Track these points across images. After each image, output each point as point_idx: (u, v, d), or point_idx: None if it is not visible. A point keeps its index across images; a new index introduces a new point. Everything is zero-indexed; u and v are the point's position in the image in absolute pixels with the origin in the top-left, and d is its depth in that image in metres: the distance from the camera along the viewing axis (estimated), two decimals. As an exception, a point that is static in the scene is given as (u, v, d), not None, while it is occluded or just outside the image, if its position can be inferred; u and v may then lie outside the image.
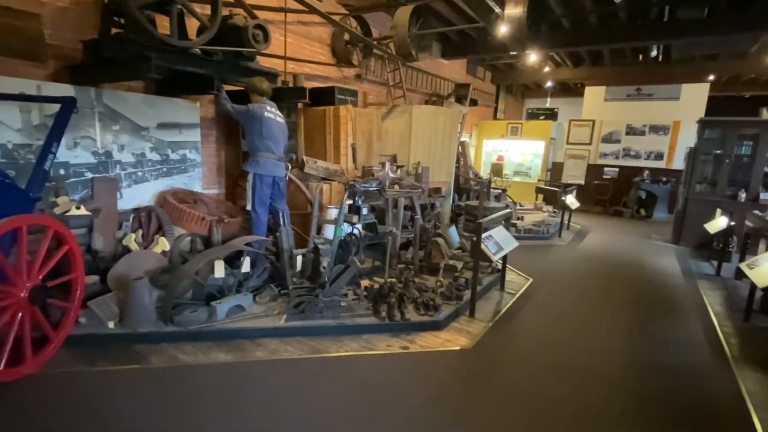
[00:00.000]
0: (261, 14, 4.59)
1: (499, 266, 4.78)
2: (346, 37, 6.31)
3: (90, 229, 3.48)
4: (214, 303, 3.34)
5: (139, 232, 3.96)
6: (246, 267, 3.67)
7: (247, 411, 2.43)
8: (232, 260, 3.84)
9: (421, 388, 2.75)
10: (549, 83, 12.41)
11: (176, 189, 4.54)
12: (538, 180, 10.97)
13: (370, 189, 4.35)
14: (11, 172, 3.23)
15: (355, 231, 4.42)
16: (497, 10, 5.93)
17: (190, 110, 4.65)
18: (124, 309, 3.17)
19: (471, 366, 3.09)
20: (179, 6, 3.29)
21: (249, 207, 4.17)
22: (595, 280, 5.30)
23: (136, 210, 4.12)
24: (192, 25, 3.65)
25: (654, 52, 9.52)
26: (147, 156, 4.30)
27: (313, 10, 4.69)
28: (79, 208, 3.40)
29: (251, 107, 4.07)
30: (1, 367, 2.45)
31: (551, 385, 2.86)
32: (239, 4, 4.24)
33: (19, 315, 2.57)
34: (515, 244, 4.44)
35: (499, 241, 4.16)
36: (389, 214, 4.78)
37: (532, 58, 9.32)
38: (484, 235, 3.92)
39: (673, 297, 4.80)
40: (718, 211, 6.09)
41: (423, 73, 8.85)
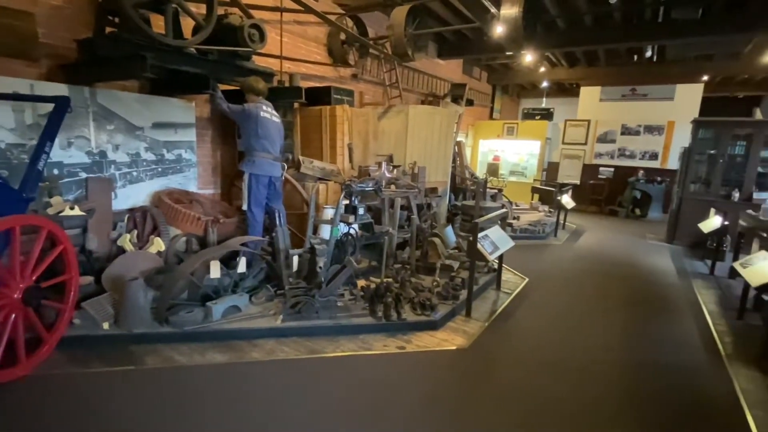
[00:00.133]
0: (257, 13, 4.57)
1: (496, 266, 4.79)
2: (343, 36, 6.30)
3: (84, 230, 3.46)
4: (209, 303, 3.32)
5: (134, 232, 3.94)
6: (242, 267, 3.66)
7: (243, 412, 2.42)
8: (228, 260, 3.83)
9: (418, 387, 2.75)
10: (545, 83, 12.45)
11: (171, 189, 4.51)
12: (534, 180, 11.01)
13: (367, 189, 4.35)
14: (4, 172, 3.21)
15: (352, 231, 4.42)
16: (493, 10, 5.94)
17: (185, 110, 4.63)
18: (119, 310, 3.15)
19: (467, 365, 3.10)
20: (174, 5, 3.28)
21: (245, 207, 4.15)
22: (591, 280, 5.33)
23: (131, 210, 4.09)
24: (187, 24, 3.63)
25: (649, 53, 9.58)
26: (142, 156, 4.28)
27: (309, 10, 4.68)
28: (73, 209, 3.37)
29: (247, 107, 4.05)
30: (-6, 369, 2.43)
31: (547, 385, 2.87)
32: (235, 3, 4.23)
33: (13, 316, 2.55)
34: (511, 244, 4.45)
35: (495, 241, 4.18)
36: (386, 214, 4.78)
37: (528, 58, 9.35)
38: (481, 235, 3.92)
39: (668, 296, 4.83)
40: (712, 211, 6.14)
41: (419, 73, 8.86)
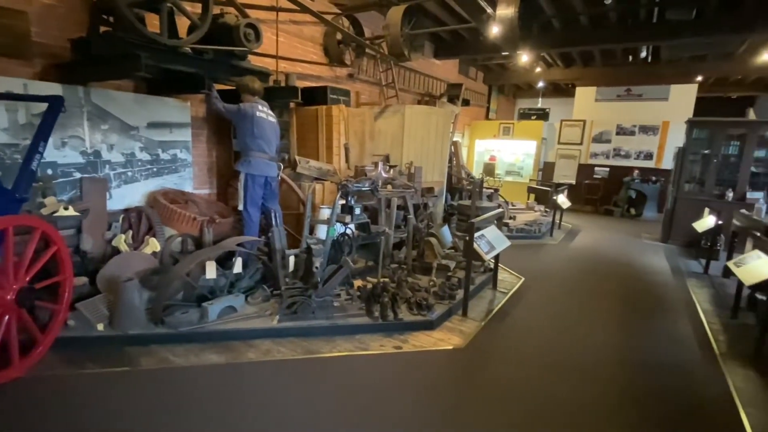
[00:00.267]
0: (252, 13, 4.56)
1: (492, 265, 4.80)
2: (339, 36, 6.29)
3: (79, 230, 3.43)
4: (205, 304, 3.31)
5: (129, 232, 3.91)
6: (238, 267, 3.65)
7: (239, 413, 2.41)
8: (224, 261, 3.81)
9: (415, 387, 2.75)
10: (540, 83, 12.49)
11: (167, 189, 4.49)
12: (530, 180, 11.05)
13: (363, 189, 4.35)
14: (-3, 173, 3.18)
15: (348, 231, 4.41)
16: (489, 10, 5.96)
17: (180, 109, 4.60)
18: (114, 311, 3.13)
19: (464, 365, 3.10)
20: (169, 4, 3.26)
21: (241, 207, 4.14)
22: (586, 279, 5.35)
23: (126, 210, 4.07)
24: (182, 23, 3.62)
25: (643, 53, 9.64)
26: (137, 156, 4.25)
27: (305, 10, 4.67)
28: (67, 209, 3.35)
29: (243, 106, 4.04)
30: (-13, 371, 2.41)
31: (544, 384, 2.88)
32: (230, 2, 4.21)
33: (6, 317, 2.53)
34: (507, 244, 4.46)
35: (491, 241, 4.19)
36: (382, 214, 4.77)
37: (524, 58, 9.37)
38: (477, 235, 3.93)
39: (663, 295, 4.86)
40: (706, 210, 6.18)
41: (415, 73, 8.86)
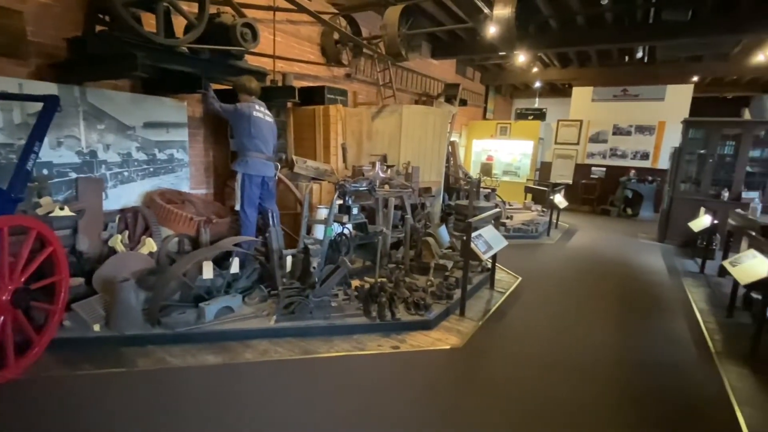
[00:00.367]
0: (249, 12, 4.54)
1: (489, 265, 4.81)
2: (336, 36, 6.29)
3: (74, 231, 3.42)
4: (202, 304, 3.30)
5: (126, 233, 3.90)
6: (235, 268, 3.64)
7: (237, 413, 2.40)
8: (221, 261, 3.80)
9: (412, 387, 2.75)
10: (537, 84, 12.52)
11: (163, 189, 4.47)
12: (527, 179, 11.07)
13: (361, 189, 4.35)
14: (-8, 172, 3.16)
15: (346, 231, 4.41)
16: (486, 10, 5.96)
17: (177, 109, 4.59)
18: (110, 311, 3.11)
19: (461, 365, 3.10)
20: (166, 3, 3.25)
21: (238, 207, 4.13)
22: (583, 278, 5.37)
23: (122, 211, 4.05)
24: (179, 23, 3.60)
25: (640, 54, 9.67)
26: (133, 156, 4.24)
27: (302, 9, 4.66)
28: (63, 209, 3.33)
29: (239, 106, 4.03)
30: (-18, 372, 2.40)
31: (542, 384, 2.89)
32: (227, 2, 4.20)
33: (1, 318, 2.51)
34: (504, 243, 4.47)
35: (488, 240, 4.19)
36: (379, 214, 4.77)
37: (521, 58, 9.40)
38: (474, 235, 3.94)
39: (659, 294, 4.88)
40: (702, 210, 6.21)
41: (413, 73, 8.86)
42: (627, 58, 10.42)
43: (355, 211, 4.32)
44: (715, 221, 5.76)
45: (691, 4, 6.60)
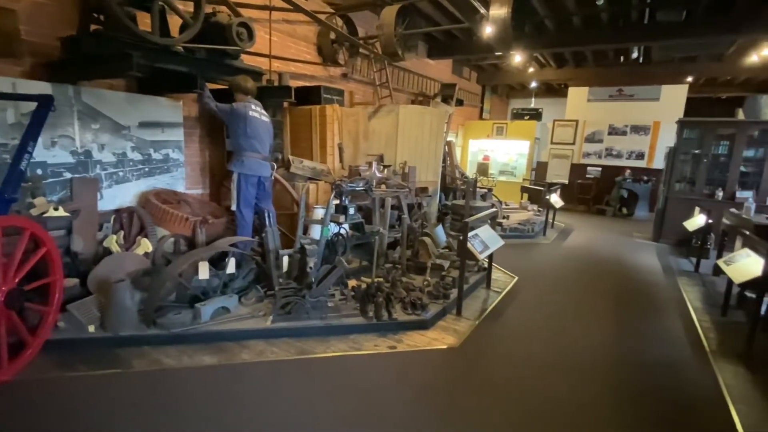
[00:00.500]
0: (245, 12, 4.54)
1: (486, 265, 4.82)
2: (332, 36, 6.28)
3: (69, 231, 3.39)
4: (198, 305, 3.29)
5: (121, 233, 3.87)
6: (231, 268, 3.63)
7: (233, 414, 2.39)
8: (217, 261, 3.79)
9: (409, 387, 2.75)
10: (533, 84, 12.56)
11: (159, 189, 4.45)
12: (523, 179, 11.10)
13: (357, 189, 4.34)
14: (-15, 173, 3.12)
15: (342, 231, 4.41)
16: (482, 10, 5.97)
17: (172, 109, 4.56)
18: (105, 312, 3.10)
19: (458, 364, 3.11)
20: (161, 2, 3.24)
21: (234, 207, 4.11)
22: (579, 278, 5.39)
23: (118, 211, 4.03)
24: (174, 22, 3.59)
25: (635, 54, 9.73)
26: (128, 155, 4.21)
27: (298, 9, 4.65)
28: (57, 210, 3.31)
29: (235, 106, 4.01)
30: (-24, 374, 2.38)
31: (539, 383, 2.89)
32: (223, 1, 4.19)
33: (-5, 320, 2.49)
34: (501, 243, 4.48)
35: (485, 240, 4.20)
36: (376, 214, 4.77)
37: (517, 58, 9.42)
38: (471, 234, 3.94)
39: (654, 293, 4.90)
40: (697, 210, 6.25)
41: (409, 73, 8.87)
42: (622, 59, 10.48)
43: (352, 211, 4.31)
44: (710, 221, 5.79)
45: (686, 4, 6.65)
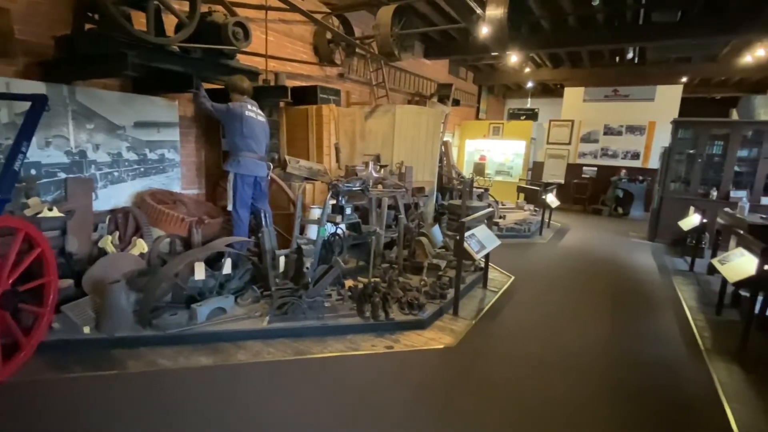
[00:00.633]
0: (241, 11, 4.52)
1: (482, 264, 4.83)
2: (329, 35, 6.27)
3: (64, 232, 3.37)
4: (194, 305, 3.27)
5: (116, 233, 3.85)
6: (227, 268, 3.61)
7: (229, 415, 2.39)
8: (213, 262, 3.78)
9: (406, 387, 2.75)
10: (529, 84, 12.60)
11: (154, 189, 4.43)
12: (520, 179, 11.14)
13: (354, 189, 4.34)
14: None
15: (339, 231, 4.41)
16: (478, 11, 5.98)
17: (168, 109, 4.55)
18: (101, 313, 3.08)
19: (455, 364, 3.11)
20: (156, 1, 3.22)
21: (230, 207, 4.10)
22: (575, 277, 5.41)
23: (113, 211, 4.00)
24: (170, 21, 3.57)
25: (630, 54, 9.78)
26: (123, 156, 4.19)
27: (294, 9, 4.64)
28: (51, 210, 3.29)
29: (231, 106, 4.00)
30: (-31, 376, 2.36)
31: (535, 382, 2.90)
32: (219, 0, 4.17)
33: (-12, 321, 2.48)
34: (497, 243, 4.49)
35: (481, 240, 4.21)
36: (373, 214, 4.77)
37: (513, 59, 9.45)
38: (467, 234, 3.95)
39: (650, 292, 4.93)
40: (692, 209, 6.30)
41: (406, 73, 8.87)
42: (618, 59, 10.53)
43: (349, 211, 4.31)
44: (704, 220, 5.83)
45: (681, 5, 6.69)
